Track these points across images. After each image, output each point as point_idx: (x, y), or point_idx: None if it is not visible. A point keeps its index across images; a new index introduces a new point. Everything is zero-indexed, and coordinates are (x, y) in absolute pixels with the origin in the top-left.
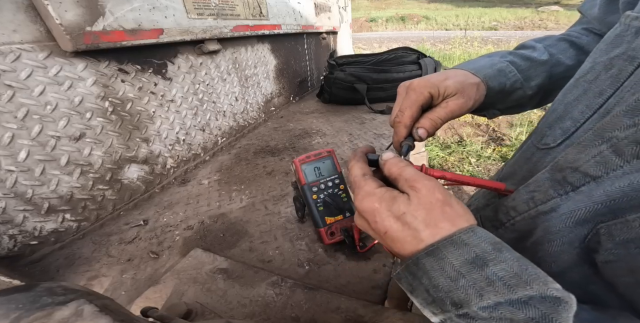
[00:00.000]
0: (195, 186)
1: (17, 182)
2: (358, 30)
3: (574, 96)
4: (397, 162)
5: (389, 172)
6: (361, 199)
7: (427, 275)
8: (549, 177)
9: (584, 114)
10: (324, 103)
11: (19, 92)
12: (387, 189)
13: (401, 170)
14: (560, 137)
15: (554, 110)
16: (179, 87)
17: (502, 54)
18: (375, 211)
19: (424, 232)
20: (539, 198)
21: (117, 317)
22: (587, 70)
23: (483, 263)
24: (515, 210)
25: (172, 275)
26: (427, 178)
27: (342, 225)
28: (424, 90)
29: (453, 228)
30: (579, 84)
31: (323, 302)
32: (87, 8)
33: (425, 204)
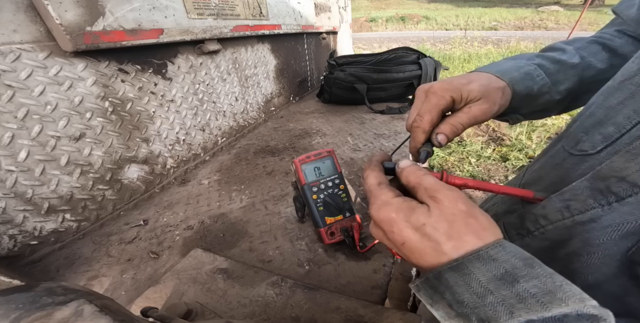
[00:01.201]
0: (195, 186)
1: (17, 182)
2: (358, 30)
3: (617, 100)
4: (415, 170)
5: (406, 180)
6: (377, 209)
7: (450, 290)
8: (589, 185)
9: (630, 120)
10: (324, 103)
11: (19, 92)
12: (404, 199)
13: (420, 179)
14: (601, 144)
15: (592, 114)
16: (179, 87)
17: (529, 56)
18: (392, 221)
19: (446, 244)
20: (576, 207)
21: (117, 317)
22: (634, 72)
23: (513, 280)
24: (546, 218)
25: (172, 275)
26: (448, 188)
27: (342, 225)
28: (445, 93)
29: (479, 243)
30: (623, 87)
31: (323, 302)
32: (87, 8)
33: (447, 216)
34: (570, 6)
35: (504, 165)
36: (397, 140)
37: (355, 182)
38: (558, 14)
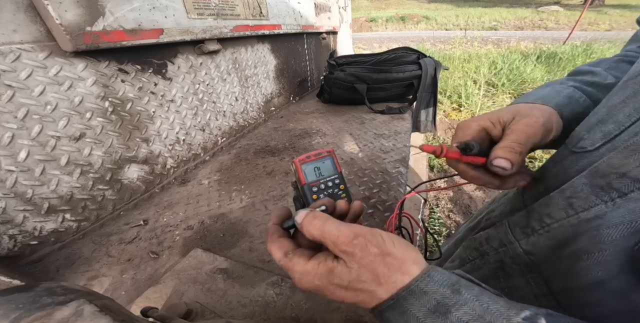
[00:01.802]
0: (195, 186)
1: (17, 182)
2: (358, 30)
3: (620, 98)
4: (313, 221)
5: (310, 235)
6: (299, 281)
7: None
8: (588, 182)
9: (630, 117)
10: (324, 103)
11: (19, 92)
12: (318, 261)
13: (322, 232)
14: (600, 141)
15: (595, 113)
16: (179, 87)
17: (561, 81)
18: (319, 288)
19: (379, 291)
20: (579, 204)
21: (117, 317)
22: (637, 72)
23: (446, 311)
24: (550, 216)
25: (172, 275)
26: (352, 233)
27: None
28: (471, 124)
29: (407, 278)
30: (626, 86)
31: (323, 302)
32: (87, 8)
33: (366, 265)
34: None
35: None
36: (397, 140)
37: (355, 182)
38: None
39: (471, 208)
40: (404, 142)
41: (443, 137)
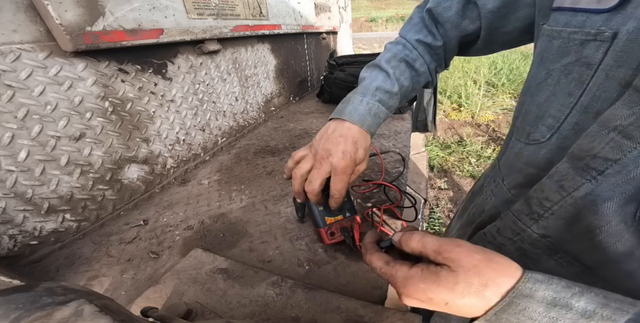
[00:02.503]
0: (195, 186)
1: (17, 182)
2: (358, 30)
3: (542, 98)
4: (412, 236)
5: (410, 248)
6: (403, 286)
7: None
8: (571, 165)
9: (562, 112)
10: (324, 103)
11: (19, 92)
12: (421, 267)
13: (424, 243)
14: (548, 132)
15: (529, 111)
16: (179, 87)
17: (372, 91)
18: (424, 291)
19: (487, 292)
20: (569, 185)
21: (117, 317)
22: (544, 76)
23: (566, 303)
24: (548, 199)
25: (172, 275)
26: (453, 242)
27: (342, 225)
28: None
29: (512, 280)
30: (543, 88)
31: (323, 302)
32: (87, 8)
33: (471, 269)
34: None
35: None
36: (397, 140)
37: (355, 182)
38: None
39: None
40: (404, 142)
41: (443, 137)
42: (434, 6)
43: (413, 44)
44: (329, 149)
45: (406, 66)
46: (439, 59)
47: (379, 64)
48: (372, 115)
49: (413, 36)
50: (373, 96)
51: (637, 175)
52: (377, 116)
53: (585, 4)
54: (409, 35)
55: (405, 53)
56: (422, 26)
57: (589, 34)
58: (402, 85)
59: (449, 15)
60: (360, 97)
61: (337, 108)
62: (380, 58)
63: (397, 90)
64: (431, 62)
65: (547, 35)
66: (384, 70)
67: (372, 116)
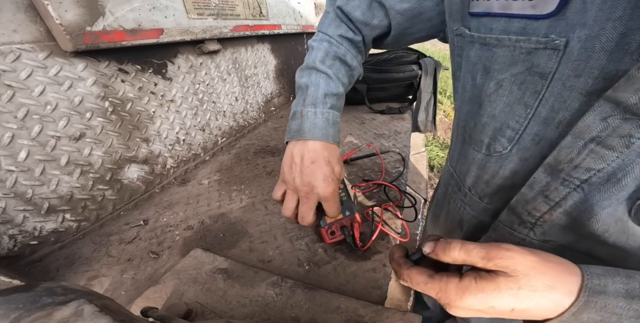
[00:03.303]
0: (195, 186)
1: (17, 182)
2: None
3: (496, 109)
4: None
5: (452, 258)
6: (459, 298)
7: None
8: (550, 176)
9: (519, 123)
10: None
11: (19, 92)
12: (472, 276)
13: (467, 252)
14: (508, 144)
15: (485, 123)
16: (179, 87)
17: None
18: (485, 300)
19: (555, 294)
20: (554, 195)
21: (117, 317)
22: (494, 87)
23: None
24: (536, 209)
25: (172, 275)
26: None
27: (342, 224)
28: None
29: (577, 278)
30: (495, 99)
31: (323, 302)
32: (87, 8)
33: (531, 271)
34: None
35: None
36: (397, 140)
37: (354, 182)
38: None
39: None
40: (404, 142)
41: (443, 137)
42: (342, 4)
43: (337, 39)
44: (310, 182)
45: (340, 63)
46: (360, 52)
47: (314, 66)
48: (332, 125)
49: (335, 31)
50: (324, 104)
51: (628, 182)
52: (335, 124)
53: (519, 9)
54: (330, 30)
55: (334, 49)
56: (340, 22)
57: (539, 42)
58: (343, 83)
59: (357, 14)
60: (312, 108)
61: (290, 127)
62: (314, 59)
63: (343, 90)
64: (357, 54)
65: (481, 43)
66: (323, 72)
67: (331, 126)
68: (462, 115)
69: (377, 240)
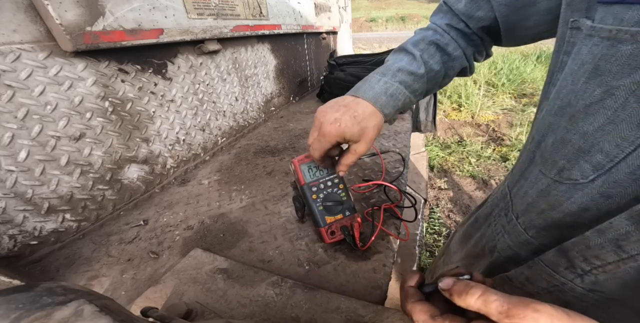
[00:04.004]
0: (195, 186)
1: (17, 182)
2: (358, 30)
3: (593, 126)
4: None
5: (466, 304)
6: None
7: None
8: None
9: (621, 148)
10: (324, 103)
11: (19, 92)
12: None
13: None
14: (592, 173)
15: (568, 141)
16: (179, 87)
17: (393, 71)
18: None
19: None
20: (632, 248)
21: (117, 317)
22: (600, 95)
23: None
24: (598, 258)
25: (172, 275)
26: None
27: (342, 224)
28: (332, 139)
29: None
30: (595, 112)
31: (323, 302)
32: (87, 8)
33: None
34: None
35: (504, 165)
36: (397, 140)
37: (354, 182)
38: None
39: (471, 208)
40: (403, 142)
41: (443, 137)
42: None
43: (444, 28)
44: (324, 115)
45: (436, 49)
46: (476, 45)
47: (404, 47)
48: (389, 96)
49: (444, 21)
50: (393, 76)
51: None
52: (395, 97)
53: None
54: (439, 20)
55: (436, 37)
56: (453, 14)
57: None
58: (431, 68)
59: (460, 6)
60: (379, 76)
61: (354, 86)
62: (408, 41)
63: (424, 72)
64: (467, 47)
65: (603, 37)
66: (410, 53)
67: (387, 96)
68: (541, 128)
69: (377, 240)
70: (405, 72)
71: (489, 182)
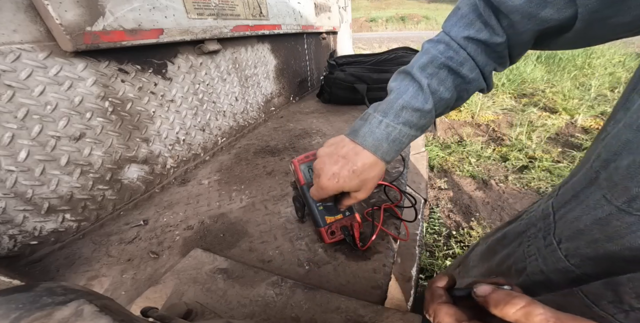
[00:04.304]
0: (195, 186)
1: (17, 182)
2: (358, 30)
3: None
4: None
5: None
6: None
7: None
8: None
9: None
10: (324, 103)
11: (19, 92)
12: None
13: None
14: None
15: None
16: (179, 87)
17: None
18: None
19: None
20: None
21: (117, 317)
22: None
23: None
24: None
25: (172, 275)
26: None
27: (342, 224)
28: (330, 192)
29: None
30: None
31: (323, 302)
32: (87, 8)
33: None
34: None
35: (504, 165)
36: None
37: None
38: None
39: (471, 209)
40: None
41: (443, 137)
42: None
43: (460, 42)
44: (322, 167)
45: (448, 73)
46: (498, 58)
47: (410, 71)
48: (390, 141)
49: (460, 32)
50: (396, 117)
51: None
52: (398, 141)
53: None
54: (455, 30)
55: (447, 55)
56: (474, 17)
57: None
58: (441, 98)
59: (518, 2)
60: (380, 117)
61: (354, 124)
62: (414, 63)
63: (431, 107)
64: (487, 63)
65: None
66: (416, 81)
67: (389, 142)
68: (613, 145)
69: (377, 240)
70: (409, 110)
71: (489, 182)
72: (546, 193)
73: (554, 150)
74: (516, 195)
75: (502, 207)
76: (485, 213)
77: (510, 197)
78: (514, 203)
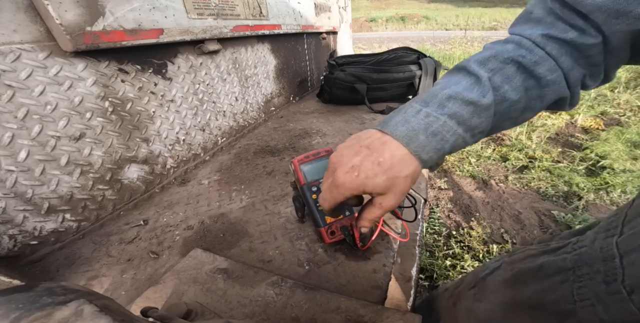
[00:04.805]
0: (195, 186)
1: (17, 182)
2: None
3: None
4: None
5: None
6: None
7: None
8: None
9: None
10: (324, 103)
11: (19, 92)
12: None
13: None
14: None
15: None
16: (179, 87)
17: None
18: None
19: None
20: None
21: (117, 317)
22: None
23: None
24: None
25: (172, 275)
26: None
27: (342, 224)
28: (347, 192)
29: None
30: None
31: (323, 302)
32: (87, 8)
33: None
34: None
35: (504, 165)
36: None
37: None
38: None
39: (471, 208)
40: None
41: None
42: None
43: (536, 40)
44: (339, 159)
45: (517, 70)
46: (591, 65)
47: (465, 66)
48: (430, 134)
49: (535, 30)
50: (441, 107)
51: None
52: (440, 136)
53: None
54: (527, 29)
55: (518, 53)
56: (554, 19)
57: None
58: (505, 97)
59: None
60: (419, 105)
61: (384, 117)
62: (472, 58)
63: (490, 102)
64: (575, 67)
65: None
66: (473, 74)
67: (429, 134)
68: None
69: (377, 240)
70: (459, 101)
71: (489, 182)
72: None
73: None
74: (516, 195)
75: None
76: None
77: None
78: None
